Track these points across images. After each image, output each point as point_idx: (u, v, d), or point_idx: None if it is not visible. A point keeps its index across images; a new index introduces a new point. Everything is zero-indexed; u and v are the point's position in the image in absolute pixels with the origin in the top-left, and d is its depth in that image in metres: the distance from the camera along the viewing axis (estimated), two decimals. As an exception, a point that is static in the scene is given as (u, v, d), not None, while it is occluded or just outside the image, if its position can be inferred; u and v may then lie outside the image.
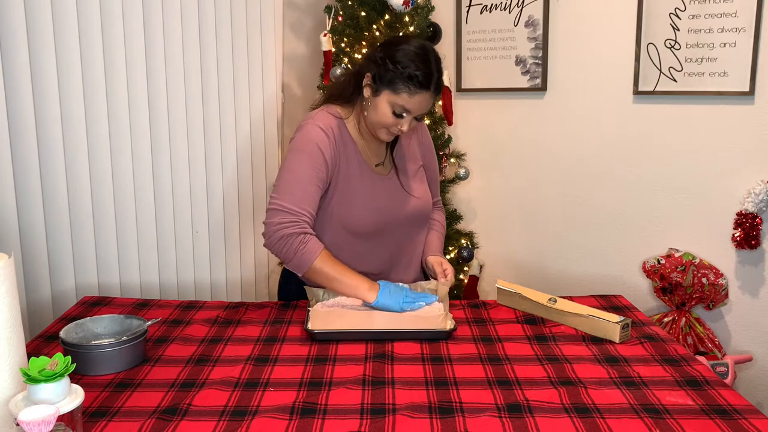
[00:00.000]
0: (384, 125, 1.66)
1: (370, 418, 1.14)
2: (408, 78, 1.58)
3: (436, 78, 1.62)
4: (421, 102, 1.62)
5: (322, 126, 1.68)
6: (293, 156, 1.68)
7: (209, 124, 2.35)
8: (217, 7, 2.31)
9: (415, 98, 1.60)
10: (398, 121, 1.64)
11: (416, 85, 1.59)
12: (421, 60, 1.60)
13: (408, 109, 1.62)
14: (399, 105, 1.61)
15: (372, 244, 1.75)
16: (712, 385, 1.26)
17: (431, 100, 1.64)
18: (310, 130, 1.68)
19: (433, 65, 1.62)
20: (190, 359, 1.39)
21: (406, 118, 1.64)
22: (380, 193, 1.74)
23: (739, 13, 2.29)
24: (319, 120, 1.70)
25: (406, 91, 1.60)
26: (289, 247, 1.61)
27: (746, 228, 2.34)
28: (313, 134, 1.67)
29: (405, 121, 1.64)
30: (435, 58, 1.64)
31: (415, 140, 1.86)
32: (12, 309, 1.07)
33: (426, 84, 1.60)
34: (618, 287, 2.66)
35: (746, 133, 2.37)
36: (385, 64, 1.61)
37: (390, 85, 1.61)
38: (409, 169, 1.82)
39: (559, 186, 2.76)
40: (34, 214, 1.87)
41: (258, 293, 2.67)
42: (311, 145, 1.66)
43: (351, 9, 2.54)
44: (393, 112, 1.63)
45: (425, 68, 1.59)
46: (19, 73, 1.79)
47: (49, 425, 0.90)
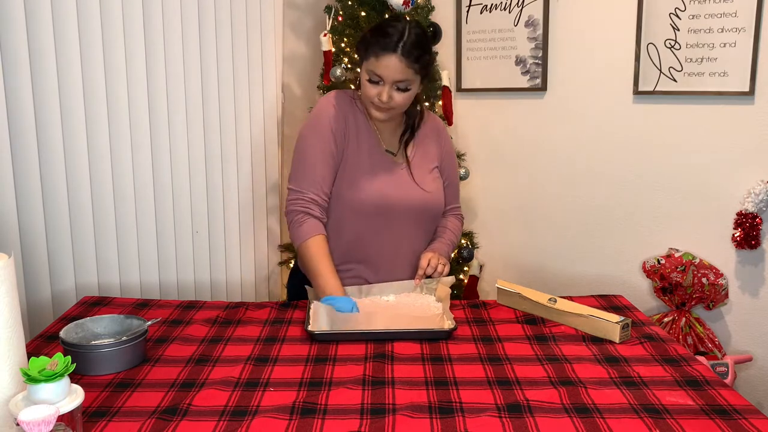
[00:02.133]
0: (367, 97, 1.72)
1: (370, 418, 1.14)
2: (375, 42, 1.66)
3: (407, 42, 1.65)
4: (389, 66, 1.65)
5: (332, 101, 1.78)
6: (304, 134, 1.78)
7: (209, 124, 2.35)
8: (217, 7, 2.31)
9: (381, 62, 1.65)
10: (376, 89, 1.69)
11: (381, 47, 1.65)
12: (387, 24, 1.68)
13: (379, 74, 1.67)
14: (371, 70, 1.68)
15: (372, 226, 1.76)
16: (712, 385, 1.26)
17: (401, 65, 1.65)
18: (321, 107, 1.78)
19: (406, 32, 1.66)
20: (190, 359, 1.39)
21: (382, 85, 1.69)
22: (387, 176, 1.77)
23: (739, 13, 2.29)
24: (330, 96, 1.80)
25: (373, 54, 1.67)
26: (292, 220, 1.74)
27: (746, 228, 2.34)
28: (322, 111, 1.77)
29: (383, 89, 1.69)
30: (413, 28, 1.68)
31: (435, 144, 1.89)
32: (12, 309, 1.06)
33: (391, 46, 1.64)
34: (618, 287, 2.66)
35: (746, 133, 2.37)
36: (363, 36, 1.72)
37: (364, 54, 1.70)
38: (424, 165, 1.84)
39: (559, 186, 2.76)
40: (34, 214, 1.87)
41: (258, 293, 2.67)
42: (321, 122, 1.75)
43: (351, 9, 2.54)
44: (369, 81, 1.69)
45: (388, 30, 1.66)
46: (19, 73, 1.79)
47: (49, 425, 0.90)
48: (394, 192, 1.76)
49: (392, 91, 1.68)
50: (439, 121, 1.96)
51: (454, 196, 1.97)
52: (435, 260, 1.78)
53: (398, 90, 1.69)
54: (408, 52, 1.65)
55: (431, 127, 1.91)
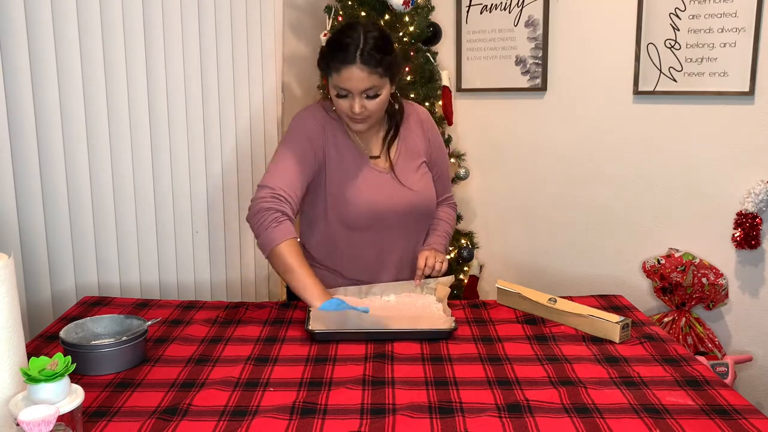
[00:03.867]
0: (340, 112, 1.68)
1: (370, 418, 1.14)
2: (332, 57, 1.60)
3: (363, 49, 1.56)
4: (352, 76, 1.58)
5: (309, 115, 1.75)
6: (281, 145, 1.74)
7: (209, 124, 2.35)
8: (217, 7, 2.31)
9: (342, 75, 1.59)
10: (347, 103, 1.64)
11: (338, 60, 1.58)
12: (343, 35, 1.60)
13: (345, 87, 1.61)
14: (335, 85, 1.62)
15: (367, 237, 1.74)
16: (712, 385, 1.26)
17: (363, 73, 1.58)
18: (298, 121, 1.75)
19: (361, 39, 1.57)
20: (190, 359, 1.39)
21: (350, 98, 1.63)
22: (375, 184, 1.73)
23: (739, 13, 2.29)
24: (307, 110, 1.77)
25: (335, 69, 1.60)
26: (263, 221, 1.61)
27: (746, 228, 2.34)
28: (301, 124, 1.74)
29: (353, 101, 1.63)
30: (371, 32, 1.59)
31: (422, 136, 1.83)
32: (12, 309, 1.06)
33: (349, 58, 1.57)
34: (618, 287, 2.66)
35: (746, 133, 2.37)
36: (321, 52, 1.66)
37: (326, 70, 1.64)
38: (409, 164, 1.79)
39: (559, 186, 2.76)
40: (34, 214, 1.87)
41: (258, 293, 2.67)
42: (299, 132, 1.72)
43: (351, 9, 2.54)
44: (337, 95, 1.64)
45: (348, 45, 1.58)
46: (19, 73, 1.78)
47: (49, 425, 0.90)
48: (383, 199, 1.73)
49: (363, 101, 1.62)
50: (423, 112, 1.88)
51: (445, 188, 1.93)
52: (432, 259, 1.75)
53: (368, 98, 1.63)
54: (368, 60, 1.57)
55: (415, 120, 1.84)
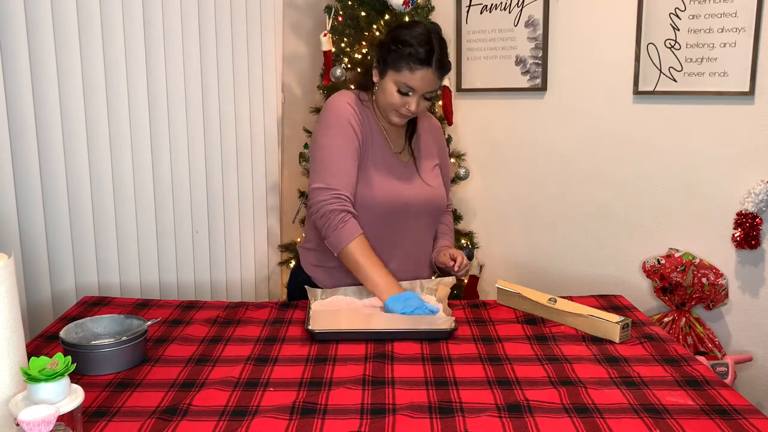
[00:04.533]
0: (392, 106, 1.71)
1: (370, 418, 1.14)
2: (408, 55, 1.64)
3: (438, 55, 1.66)
4: (423, 79, 1.66)
5: (348, 101, 1.75)
6: (325, 133, 1.73)
7: (209, 124, 2.35)
8: (217, 7, 2.31)
9: (416, 75, 1.65)
10: (405, 100, 1.69)
11: (416, 61, 1.64)
12: (422, 38, 1.66)
13: (411, 87, 1.67)
14: (402, 83, 1.67)
15: (382, 225, 1.76)
16: (712, 385, 1.26)
17: (434, 77, 1.67)
18: (338, 105, 1.74)
19: (435, 43, 1.66)
20: (190, 359, 1.39)
21: (412, 96, 1.68)
22: (399, 175, 1.77)
23: (739, 13, 2.29)
24: (344, 96, 1.77)
25: (407, 68, 1.65)
26: (330, 223, 1.65)
27: (746, 228, 2.34)
28: (341, 109, 1.73)
29: (412, 99, 1.69)
30: (438, 38, 1.69)
31: (433, 142, 1.91)
32: (12, 309, 1.06)
33: (426, 60, 1.64)
34: (618, 287, 2.66)
35: (746, 133, 2.37)
36: (388, 45, 1.69)
37: (393, 65, 1.67)
38: (427, 162, 1.86)
39: (559, 186, 2.76)
40: (34, 214, 1.87)
41: (258, 293, 2.67)
42: (341, 119, 1.72)
43: (351, 9, 2.54)
44: (398, 91, 1.68)
45: (425, 45, 1.64)
46: (19, 73, 1.79)
47: (49, 425, 0.90)
48: (407, 191, 1.77)
49: (421, 100, 1.70)
50: (434, 120, 1.98)
51: (447, 194, 1.99)
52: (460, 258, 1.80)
53: (425, 99, 1.71)
54: (440, 66, 1.67)
55: (429, 125, 1.92)
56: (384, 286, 1.63)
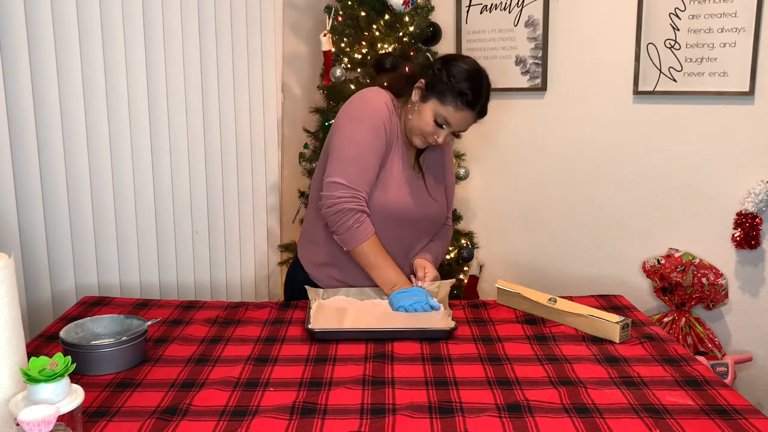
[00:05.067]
0: (423, 132, 1.71)
1: (370, 418, 1.14)
2: (459, 93, 1.65)
3: (483, 102, 1.68)
4: (464, 119, 1.68)
5: (386, 102, 1.73)
6: (357, 127, 1.70)
7: (209, 124, 2.35)
8: (217, 8, 2.31)
9: (459, 114, 1.67)
10: (437, 131, 1.69)
11: (464, 102, 1.65)
12: (475, 81, 1.67)
13: (449, 122, 1.68)
14: (442, 116, 1.67)
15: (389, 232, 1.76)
16: (712, 385, 1.26)
17: (472, 120, 1.70)
18: (376, 103, 1.72)
19: (484, 89, 1.69)
20: (190, 359, 1.39)
21: (444, 130, 1.70)
22: (411, 187, 1.78)
23: (739, 13, 2.29)
24: (382, 95, 1.74)
25: (453, 104, 1.66)
26: (344, 222, 1.66)
27: (746, 228, 2.34)
28: (378, 108, 1.71)
29: (443, 132, 1.70)
30: (487, 83, 1.71)
31: (440, 156, 1.91)
32: (12, 309, 1.07)
33: (473, 103, 1.66)
34: (618, 287, 2.66)
35: (746, 133, 2.37)
36: (440, 74, 1.67)
37: (440, 95, 1.67)
38: (435, 177, 1.87)
39: (559, 186, 2.76)
40: (34, 214, 1.87)
41: (258, 293, 2.67)
42: (376, 119, 1.70)
43: (351, 9, 2.54)
44: (435, 121, 1.68)
45: (476, 89, 1.66)
46: (19, 73, 1.79)
47: (49, 425, 0.90)
48: (416, 203, 1.78)
49: (449, 136, 1.72)
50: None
51: (450, 205, 1.99)
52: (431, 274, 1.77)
53: (453, 134, 1.73)
54: (481, 112, 1.69)
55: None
56: (395, 279, 1.69)
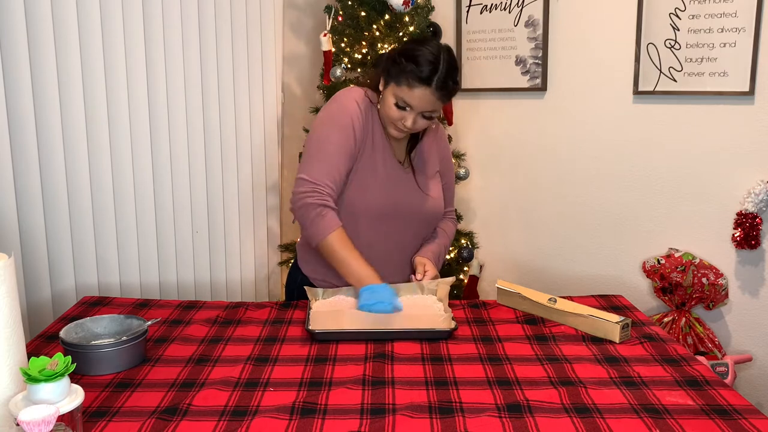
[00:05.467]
0: (390, 118, 1.70)
1: (370, 418, 1.14)
2: (409, 71, 1.62)
3: (441, 77, 1.62)
4: (421, 98, 1.64)
5: (358, 100, 1.73)
6: (324, 126, 1.72)
7: (209, 124, 2.35)
8: (217, 8, 2.31)
9: (414, 92, 1.63)
10: (402, 114, 1.67)
11: (415, 78, 1.62)
12: (427, 57, 1.63)
13: (409, 103, 1.65)
14: (400, 97, 1.65)
15: (378, 230, 1.75)
16: (712, 385, 1.26)
17: (433, 98, 1.64)
18: (346, 102, 1.73)
19: (442, 64, 1.63)
20: (190, 359, 1.39)
21: (408, 112, 1.67)
22: (397, 183, 1.76)
23: (739, 13, 2.29)
24: (354, 94, 1.75)
25: (406, 83, 1.63)
26: (307, 216, 1.65)
27: (746, 228, 2.34)
28: (346, 105, 1.72)
29: (408, 115, 1.67)
30: (446, 59, 1.65)
31: (435, 149, 1.89)
32: (12, 309, 1.07)
33: (426, 79, 1.62)
34: (618, 287, 2.66)
35: (746, 133, 2.37)
36: (394, 58, 1.67)
37: (395, 78, 1.66)
38: (426, 170, 1.84)
39: (559, 186, 2.76)
40: (34, 214, 1.87)
41: (258, 293, 2.67)
42: (344, 117, 1.70)
43: (351, 9, 2.54)
44: (396, 105, 1.67)
45: (427, 64, 1.62)
46: (19, 73, 1.79)
47: (49, 425, 0.90)
48: (403, 199, 1.76)
49: (418, 118, 1.68)
50: (440, 128, 1.96)
51: (450, 200, 1.97)
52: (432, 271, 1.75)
53: (423, 117, 1.69)
54: (441, 87, 1.63)
55: (432, 131, 1.90)
56: (360, 276, 1.62)
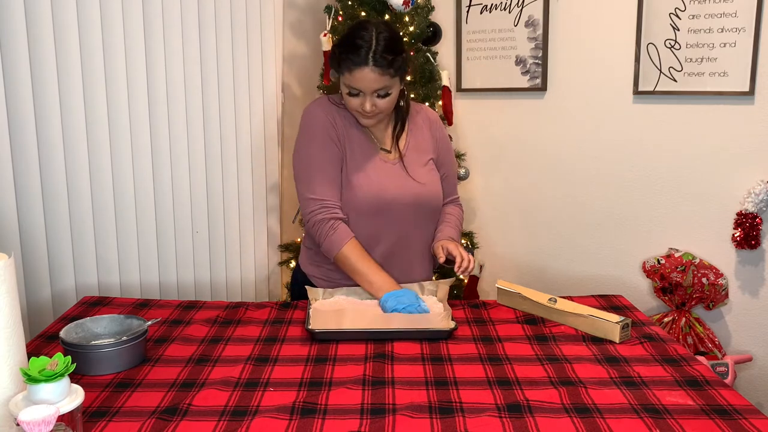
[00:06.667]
0: (350, 108, 1.72)
1: (370, 418, 1.14)
2: (345, 58, 1.64)
3: (376, 51, 1.61)
4: (363, 78, 1.63)
5: (321, 107, 1.77)
6: (304, 143, 1.76)
7: (209, 124, 2.35)
8: (217, 7, 2.31)
9: (355, 75, 1.64)
10: (358, 101, 1.69)
11: (351, 62, 1.63)
12: (357, 38, 1.63)
13: (356, 87, 1.66)
14: (348, 85, 1.67)
15: (376, 226, 1.75)
16: (712, 385, 1.26)
17: (375, 75, 1.62)
18: (312, 113, 1.77)
19: (374, 41, 1.62)
20: (190, 359, 1.39)
21: (362, 96, 1.68)
22: (383, 172, 1.76)
23: (739, 13, 2.29)
24: (317, 103, 1.79)
25: (347, 70, 1.65)
26: (320, 232, 1.70)
27: (746, 228, 2.34)
28: (315, 116, 1.76)
29: (364, 99, 1.68)
30: (379, 34, 1.63)
31: (429, 134, 1.86)
32: (12, 309, 1.07)
33: (362, 60, 1.61)
34: (618, 287, 2.66)
35: (746, 133, 2.37)
36: (333, 50, 1.70)
37: (339, 69, 1.68)
38: (418, 158, 1.82)
39: (559, 186, 2.76)
40: (34, 214, 1.87)
41: (258, 293, 2.67)
42: (317, 127, 1.74)
43: (351, 9, 2.54)
44: (349, 93, 1.68)
45: (360, 46, 1.62)
46: (19, 73, 1.79)
47: (49, 425, 0.90)
48: (391, 188, 1.74)
49: (374, 99, 1.67)
50: (432, 113, 1.92)
51: (452, 188, 1.95)
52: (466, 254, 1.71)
53: (379, 97, 1.68)
54: (379, 62, 1.61)
55: (423, 119, 1.88)
56: (379, 284, 1.66)
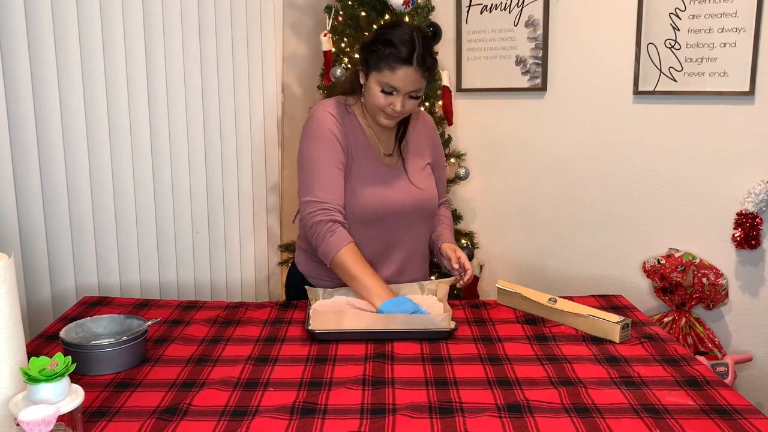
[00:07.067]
0: (378, 107, 1.71)
1: (370, 418, 1.14)
2: (388, 55, 1.64)
3: (420, 53, 1.65)
4: (405, 77, 1.65)
5: (330, 110, 1.76)
6: (309, 145, 1.74)
7: (209, 124, 2.35)
8: (217, 8, 2.31)
9: (397, 74, 1.65)
10: (390, 100, 1.69)
11: (396, 60, 1.64)
12: (403, 37, 1.65)
13: (395, 86, 1.66)
14: (385, 82, 1.67)
15: (374, 231, 1.75)
16: (712, 385, 1.26)
17: (416, 75, 1.66)
18: (320, 116, 1.75)
19: (417, 42, 1.65)
20: (190, 359, 1.39)
21: (396, 96, 1.68)
22: (386, 179, 1.77)
23: (739, 13, 2.29)
24: (327, 106, 1.78)
25: (388, 67, 1.65)
26: (318, 233, 1.68)
27: (746, 228, 2.34)
28: (323, 119, 1.74)
29: (396, 99, 1.68)
30: (421, 36, 1.68)
31: (426, 140, 1.90)
32: (12, 309, 1.07)
33: (406, 59, 1.64)
34: (618, 287, 2.66)
35: (746, 133, 2.37)
36: (370, 46, 1.70)
37: (375, 65, 1.68)
38: (417, 163, 1.85)
39: (560, 186, 2.76)
40: (34, 214, 1.87)
41: (258, 293, 2.67)
42: (324, 130, 1.73)
43: (351, 9, 2.54)
44: (382, 91, 1.68)
45: (404, 44, 1.64)
46: (19, 73, 1.79)
47: (49, 425, 0.90)
48: (393, 194, 1.76)
49: (405, 99, 1.69)
50: (428, 117, 1.96)
51: (443, 190, 2.00)
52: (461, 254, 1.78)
53: (411, 98, 1.70)
54: (422, 63, 1.66)
55: (422, 124, 1.91)
56: (376, 291, 1.62)
